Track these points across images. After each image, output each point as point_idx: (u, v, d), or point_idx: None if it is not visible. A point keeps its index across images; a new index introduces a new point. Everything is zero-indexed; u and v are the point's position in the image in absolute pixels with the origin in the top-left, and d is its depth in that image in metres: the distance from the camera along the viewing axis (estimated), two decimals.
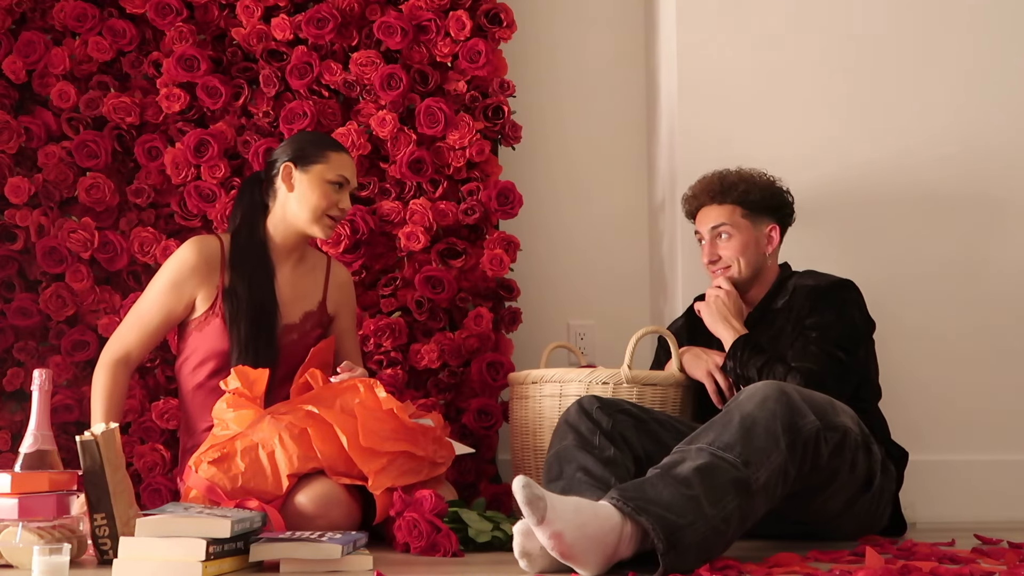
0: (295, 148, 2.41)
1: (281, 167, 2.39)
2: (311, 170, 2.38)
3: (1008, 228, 2.83)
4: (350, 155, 2.47)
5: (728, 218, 2.44)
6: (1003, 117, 2.84)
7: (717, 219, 2.44)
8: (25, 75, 2.68)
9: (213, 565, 1.67)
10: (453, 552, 1.97)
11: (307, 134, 2.52)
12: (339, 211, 2.39)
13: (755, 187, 2.46)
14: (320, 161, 2.38)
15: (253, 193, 2.44)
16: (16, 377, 2.61)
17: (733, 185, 2.46)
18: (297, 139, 2.46)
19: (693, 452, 1.78)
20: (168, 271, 2.35)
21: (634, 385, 2.34)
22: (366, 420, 2.08)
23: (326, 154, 2.39)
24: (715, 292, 2.41)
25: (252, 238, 2.40)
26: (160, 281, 2.35)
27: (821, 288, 2.36)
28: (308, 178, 2.37)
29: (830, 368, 2.21)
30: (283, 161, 2.40)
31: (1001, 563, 1.83)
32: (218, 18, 2.75)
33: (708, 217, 2.46)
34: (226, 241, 2.40)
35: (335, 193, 2.38)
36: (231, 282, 2.34)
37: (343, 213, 2.41)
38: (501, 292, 2.77)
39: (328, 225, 2.39)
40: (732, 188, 2.45)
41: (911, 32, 2.86)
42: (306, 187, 2.37)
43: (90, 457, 1.84)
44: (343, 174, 2.39)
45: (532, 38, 3.03)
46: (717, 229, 2.44)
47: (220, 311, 2.32)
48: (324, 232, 2.39)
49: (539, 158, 3.04)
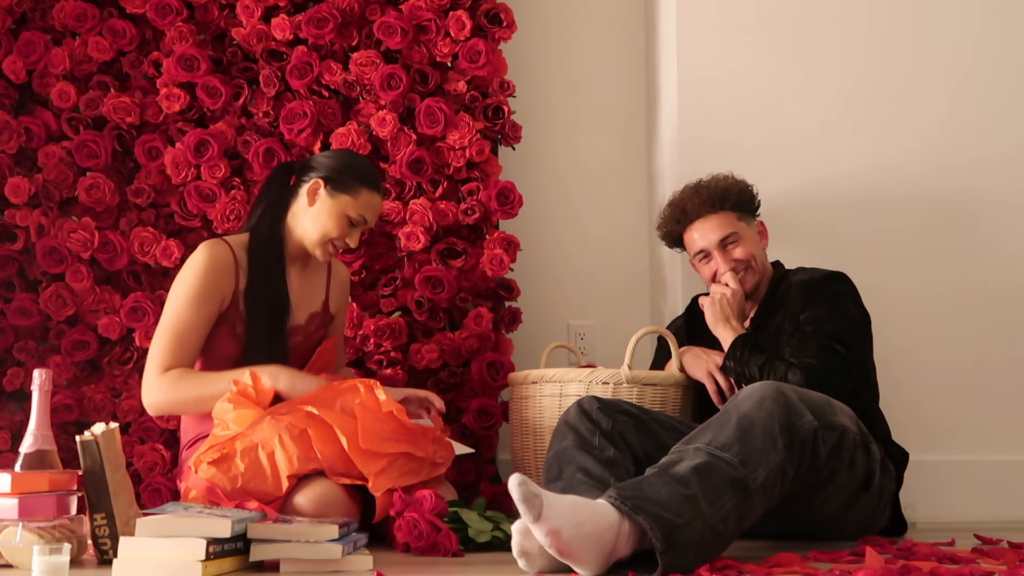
0: (333, 168, 2.35)
1: (312, 180, 2.35)
2: (338, 198, 2.34)
3: (1007, 230, 2.83)
4: (382, 197, 2.41)
5: (733, 226, 2.43)
6: (997, 124, 2.85)
7: (722, 230, 2.42)
8: (25, 75, 2.68)
9: (213, 565, 1.67)
10: (453, 552, 1.97)
11: (353, 159, 2.41)
12: (343, 244, 2.36)
13: (735, 189, 2.46)
14: (349, 193, 2.34)
15: (280, 189, 2.40)
16: (16, 377, 2.61)
17: (720, 193, 2.44)
18: (340, 160, 2.38)
19: (691, 452, 1.78)
20: (193, 281, 2.26)
21: (634, 385, 2.34)
22: (366, 421, 2.08)
23: (359, 189, 2.34)
24: (721, 290, 2.38)
25: (272, 234, 2.36)
26: (189, 294, 2.26)
27: (814, 282, 2.36)
28: (331, 203, 2.33)
29: (829, 362, 2.20)
30: (317, 175, 2.35)
31: (1001, 563, 1.82)
32: (218, 18, 2.75)
33: (709, 231, 2.43)
34: (235, 245, 2.35)
35: (349, 228, 2.35)
36: (250, 277, 2.32)
37: (345, 247, 2.37)
38: (501, 292, 2.77)
39: (329, 252, 2.37)
40: (722, 196, 2.44)
41: (909, 38, 2.86)
42: (325, 211, 2.33)
43: (90, 457, 1.84)
44: (365, 215, 2.35)
45: (532, 38, 3.03)
46: (727, 239, 2.42)
47: (227, 318, 2.31)
48: (323, 256, 2.37)
49: (539, 158, 3.04)
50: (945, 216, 2.83)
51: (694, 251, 2.48)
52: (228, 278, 2.31)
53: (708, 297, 2.40)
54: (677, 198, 2.51)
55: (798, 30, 2.86)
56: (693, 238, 2.47)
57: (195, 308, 2.25)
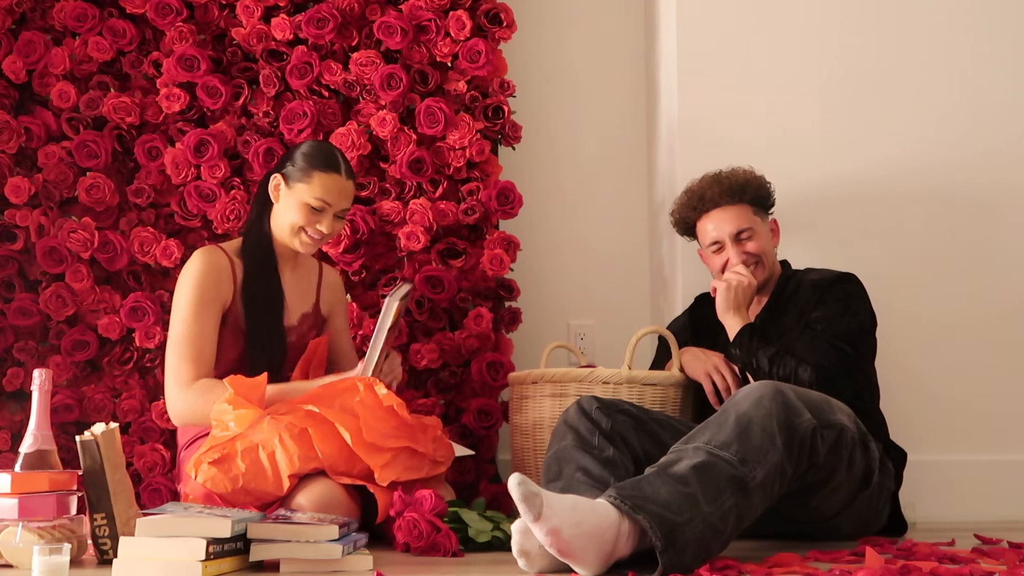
0: (288, 161, 2.38)
1: (273, 178, 2.38)
2: (294, 187, 2.35)
3: (1008, 229, 2.83)
4: (344, 177, 2.36)
5: (748, 220, 2.42)
6: (1003, 118, 2.84)
7: (738, 222, 2.41)
8: (25, 75, 2.68)
9: (213, 565, 1.67)
10: (453, 552, 1.97)
11: (308, 147, 2.40)
12: (316, 231, 2.35)
13: (755, 184, 2.46)
14: (303, 181, 2.34)
15: (263, 192, 2.42)
16: (16, 377, 2.61)
17: (740, 185, 2.44)
18: (296, 151, 2.39)
19: (690, 451, 1.78)
20: (193, 289, 2.29)
21: (634, 385, 2.34)
22: (367, 418, 2.08)
23: (311, 174, 2.33)
24: (737, 277, 2.35)
25: (260, 234, 2.40)
26: (191, 303, 2.28)
27: (826, 282, 2.36)
28: (290, 194, 2.35)
29: (838, 362, 2.21)
30: (277, 172, 2.38)
31: (1001, 563, 1.82)
32: (218, 18, 2.75)
33: (725, 222, 2.42)
34: (230, 250, 2.39)
35: (313, 214, 2.34)
36: (245, 276, 2.35)
37: (321, 235, 2.36)
38: (501, 292, 2.77)
39: (305, 242, 2.37)
40: (741, 188, 2.44)
41: (912, 33, 2.85)
42: (287, 203, 2.35)
43: (90, 457, 1.84)
44: (324, 198, 2.33)
45: (532, 38, 3.03)
46: (742, 233, 2.41)
47: (228, 320, 2.33)
48: (302, 247, 2.37)
49: (539, 158, 3.04)
50: (951, 213, 2.82)
51: (707, 241, 2.47)
52: (226, 281, 2.33)
53: (722, 281, 2.37)
54: (695, 186, 2.50)
55: (799, 27, 2.85)
56: (707, 228, 2.46)
57: (200, 315, 2.28)
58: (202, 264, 2.32)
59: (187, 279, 2.31)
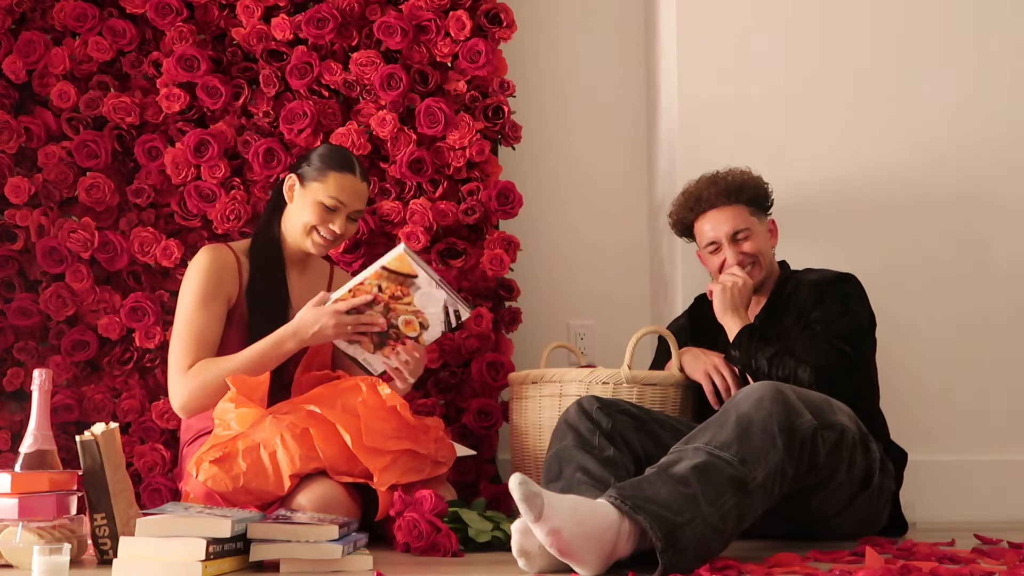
0: (304, 161, 2.40)
1: (288, 179, 2.39)
2: (309, 186, 2.36)
3: (1007, 229, 2.83)
4: (359, 179, 2.38)
5: (745, 220, 2.43)
6: (997, 119, 2.84)
7: (735, 223, 2.42)
8: (25, 75, 2.68)
9: (213, 565, 1.67)
10: (453, 552, 1.97)
11: (324, 149, 2.43)
12: (328, 231, 2.35)
13: (752, 184, 2.46)
14: (318, 180, 2.35)
15: (276, 195, 2.44)
16: (16, 377, 2.61)
17: (737, 186, 2.44)
18: (312, 152, 2.42)
19: (690, 451, 1.78)
20: (198, 283, 2.30)
21: (634, 385, 2.34)
22: (368, 419, 2.08)
23: (326, 173, 2.35)
24: (732, 279, 2.37)
25: (270, 236, 2.41)
26: (196, 296, 2.29)
27: (825, 282, 2.36)
28: (305, 194, 2.36)
29: (838, 362, 2.21)
30: (292, 172, 2.39)
31: (1001, 563, 1.83)
32: (218, 18, 2.75)
33: (721, 223, 2.43)
34: (238, 250, 2.40)
35: (327, 214, 2.35)
36: (251, 277, 2.36)
37: (334, 235, 2.36)
38: (501, 292, 2.77)
39: (318, 242, 2.37)
40: (738, 189, 2.44)
41: (907, 37, 2.86)
42: (302, 202, 2.37)
43: (90, 457, 1.84)
44: (338, 198, 2.34)
45: (532, 38, 3.03)
46: (739, 234, 2.42)
47: (232, 320, 2.33)
48: (315, 248, 2.38)
49: (539, 158, 3.04)
50: (951, 213, 2.83)
51: (704, 242, 2.47)
52: (231, 278, 2.34)
53: (718, 284, 2.38)
54: (692, 187, 2.50)
55: (799, 27, 2.86)
56: (704, 228, 2.47)
57: (205, 309, 2.29)
58: (207, 259, 2.33)
59: (192, 274, 2.33)
